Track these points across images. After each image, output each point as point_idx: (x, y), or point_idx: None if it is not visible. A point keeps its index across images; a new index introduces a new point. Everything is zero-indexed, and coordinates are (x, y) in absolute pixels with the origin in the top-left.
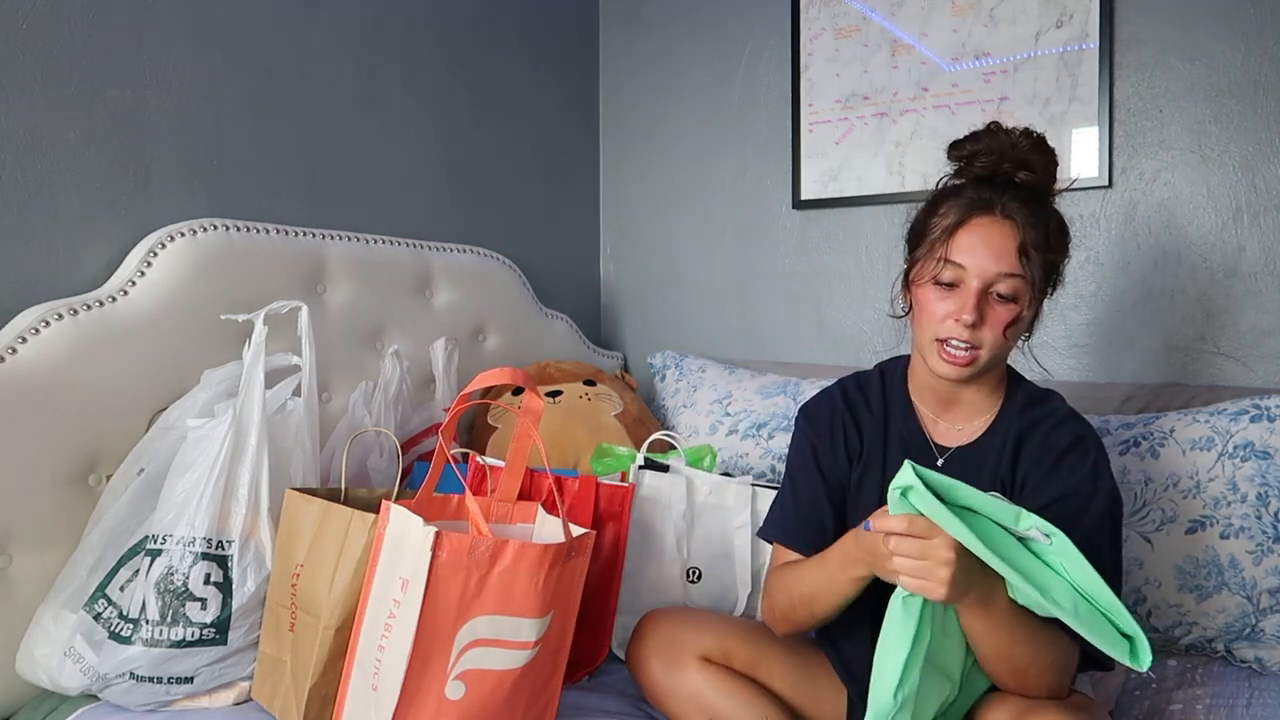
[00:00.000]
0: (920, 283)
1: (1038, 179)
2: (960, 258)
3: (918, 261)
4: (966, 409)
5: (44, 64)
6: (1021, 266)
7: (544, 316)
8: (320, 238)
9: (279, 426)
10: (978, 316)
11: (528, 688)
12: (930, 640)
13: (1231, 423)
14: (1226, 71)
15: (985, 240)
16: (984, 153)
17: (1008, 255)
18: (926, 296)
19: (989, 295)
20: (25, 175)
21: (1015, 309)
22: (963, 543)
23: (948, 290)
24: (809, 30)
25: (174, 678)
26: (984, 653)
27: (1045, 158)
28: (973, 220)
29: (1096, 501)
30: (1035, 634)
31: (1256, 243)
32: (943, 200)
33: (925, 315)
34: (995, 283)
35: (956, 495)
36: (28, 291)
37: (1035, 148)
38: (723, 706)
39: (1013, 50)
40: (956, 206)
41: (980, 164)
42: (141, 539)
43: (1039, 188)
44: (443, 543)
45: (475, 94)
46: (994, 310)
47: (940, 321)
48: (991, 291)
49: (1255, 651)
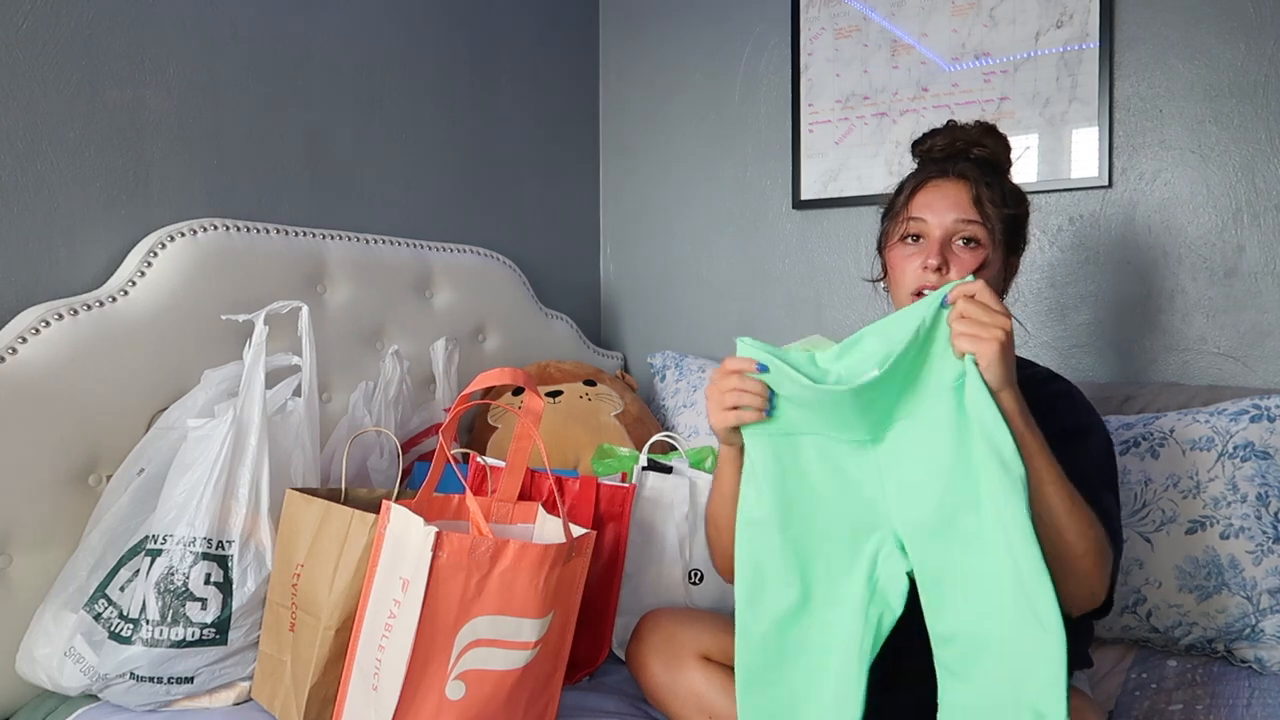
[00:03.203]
0: (890, 245)
1: (990, 153)
2: (920, 213)
3: (885, 229)
4: None
5: (44, 64)
6: (979, 214)
7: (544, 316)
8: (320, 238)
9: (279, 426)
10: (941, 260)
11: (528, 688)
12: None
13: (1231, 423)
14: (1226, 71)
15: (942, 195)
16: (941, 141)
17: (964, 205)
18: (896, 256)
19: (951, 244)
20: (25, 175)
21: (980, 253)
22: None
23: (913, 246)
24: (809, 30)
25: (174, 678)
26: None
27: (995, 139)
28: (930, 182)
29: (1095, 439)
30: (1065, 488)
31: (1256, 243)
32: (908, 181)
33: (898, 272)
34: (956, 231)
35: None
36: (28, 291)
37: (986, 132)
38: (723, 705)
39: (1013, 50)
40: (915, 177)
41: (939, 150)
42: (142, 539)
43: (992, 160)
44: (443, 543)
45: (475, 94)
46: (958, 257)
47: (910, 274)
48: (954, 240)
49: (1255, 651)
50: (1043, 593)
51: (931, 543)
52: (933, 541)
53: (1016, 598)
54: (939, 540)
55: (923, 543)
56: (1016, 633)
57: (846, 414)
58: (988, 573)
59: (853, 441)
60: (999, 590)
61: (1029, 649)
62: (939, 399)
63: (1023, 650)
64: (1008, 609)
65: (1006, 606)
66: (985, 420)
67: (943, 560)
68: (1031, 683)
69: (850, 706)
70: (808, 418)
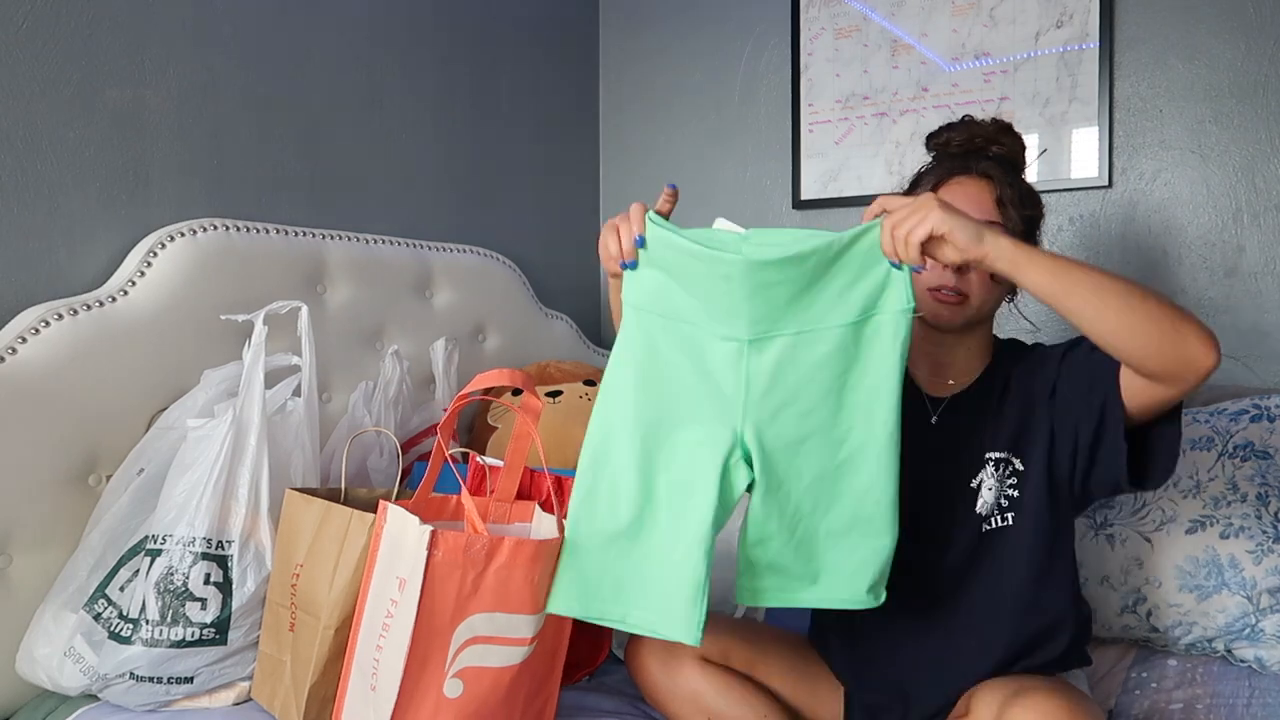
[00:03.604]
0: None
1: (1008, 151)
2: None
3: None
4: (958, 370)
5: (44, 64)
6: (1000, 216)
7: (544, 316)
8: (320, 238)
9: (279, 426)
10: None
11: (526, 685)
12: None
13: (1231, 423)
14: (1226, 71)
15: (964, 194)
16: (958, 136)
17: (987, 206)
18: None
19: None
20: (25, 175)
21: None
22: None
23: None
24: (809, 30)
25: (174, 678)
26: (1082, 312)
27: (1012, 138)
28: (952, 179)
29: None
30: (1105, 274)
31: (1256, 243)
32: (924, 175)
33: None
34: None
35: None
36: (28, 291)
37: (1003, 130)
38: (721, 706)
39: (1013, 50)
40: (936, 172)
41: (955, 145)
42: (141, 539)
43: (1011, 159)
44: (438, 541)
45: (475, 94)
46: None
47: (929, 273)
48: None
49: (1255, 651)
50: (892, 506)
51: (780, 459)
52: (782, 458)
53: (860, 508)
54: (790, 459)
55: (772, 457)
56: (849, 528)
57: (733, 299)
58: (831, 496)
59: (728, 339)
60: (842, 512)
61: (866, 547)
62: (835, 326)
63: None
64: (845, 511)
65: (845, 509)
66: (885, 366)
67: (786, 477)
68: (868, 572)
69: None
70: (691, 304)
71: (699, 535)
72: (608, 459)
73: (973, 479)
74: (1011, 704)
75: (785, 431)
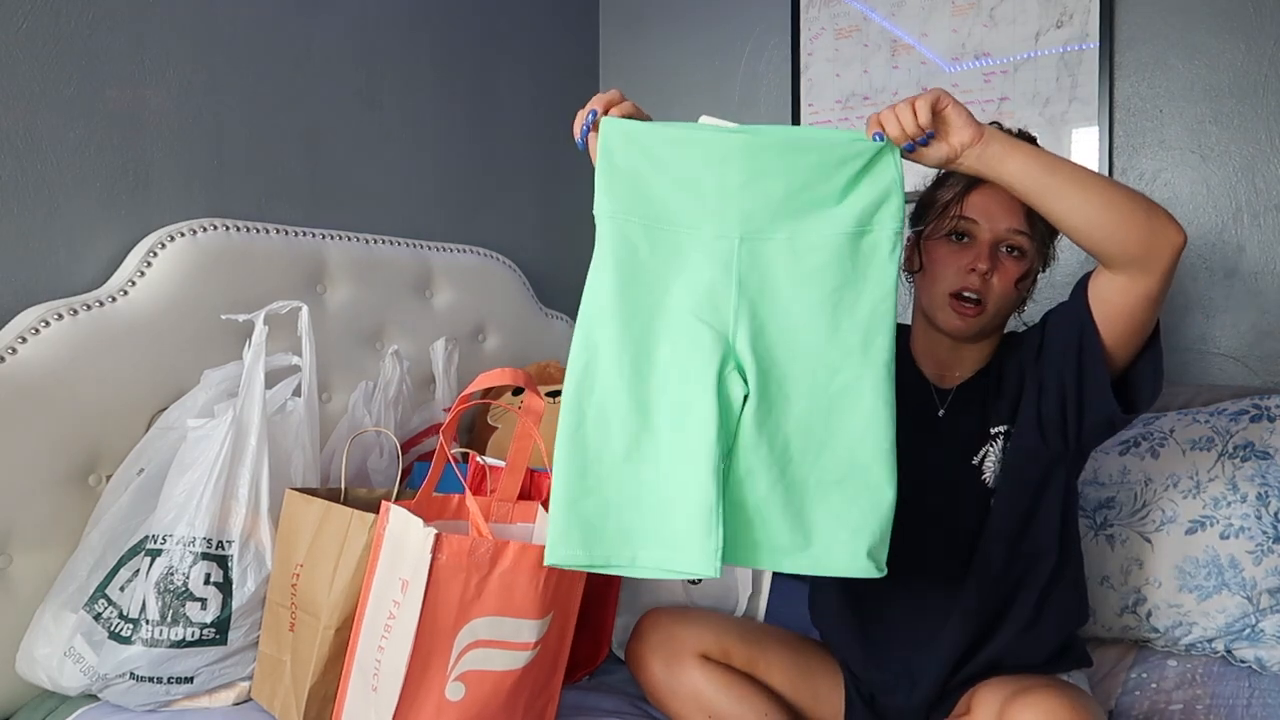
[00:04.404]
0: (935, 238)
1: None
2: (972, 213)
3: (931, 222)
4: (966, 367)
5: (44, 64)
6: (1028, 224)
7: (544, 316)
8: (320, 238)
9: (279, 426)
10: (991, 265)
11: (527, 689)
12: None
13: (1231, 423)
14: (1226, 71)
15: (996, 199)
16: None
17: (1016, 213)
18: (940, 251)
19: (998, 250)
20: (25, 176)
21: (1024, 263)
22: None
23: (960, 245)
24: (809, 30)
25: (174, 678)
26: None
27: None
28: (985, 183)
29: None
30: (1081, 166)
31: (1256, 243)
32: (949, 175)
33: (940, 268)
34: (1005, 238)
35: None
36: (28, 291)
37: (1028, 140)
38: (722, 704)
39: (1013, 50)
40: (964, 175)
41: None
42: (141, 539)
43: None
44: (443, 544)
45: (475, 94)
46: (1003, 265)
47: (954, 273)
48: (1000, 246)
49: (1255, 651)
50: (890, 454)
51: (771, 377)
52: (773, 377)
53: (856, 453)
54: (781, 380)
55: (765, 373)
56: (844, 477)
57: (726, 187)
58: (823, 435)
59: (719, 237)
60: (835, 458)
61: (864, 501)
62: (831, 234)
63: (856, 502)
64: (839, 456)
65: (839, 453)
66: (881, 289)
67: (776, 400)
68: (866, 532)
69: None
70: (678, 202)
71: (704, 453)
72: (593, 384)
73: (975, 456)
74: (1012, 703)
75: (776, 347)
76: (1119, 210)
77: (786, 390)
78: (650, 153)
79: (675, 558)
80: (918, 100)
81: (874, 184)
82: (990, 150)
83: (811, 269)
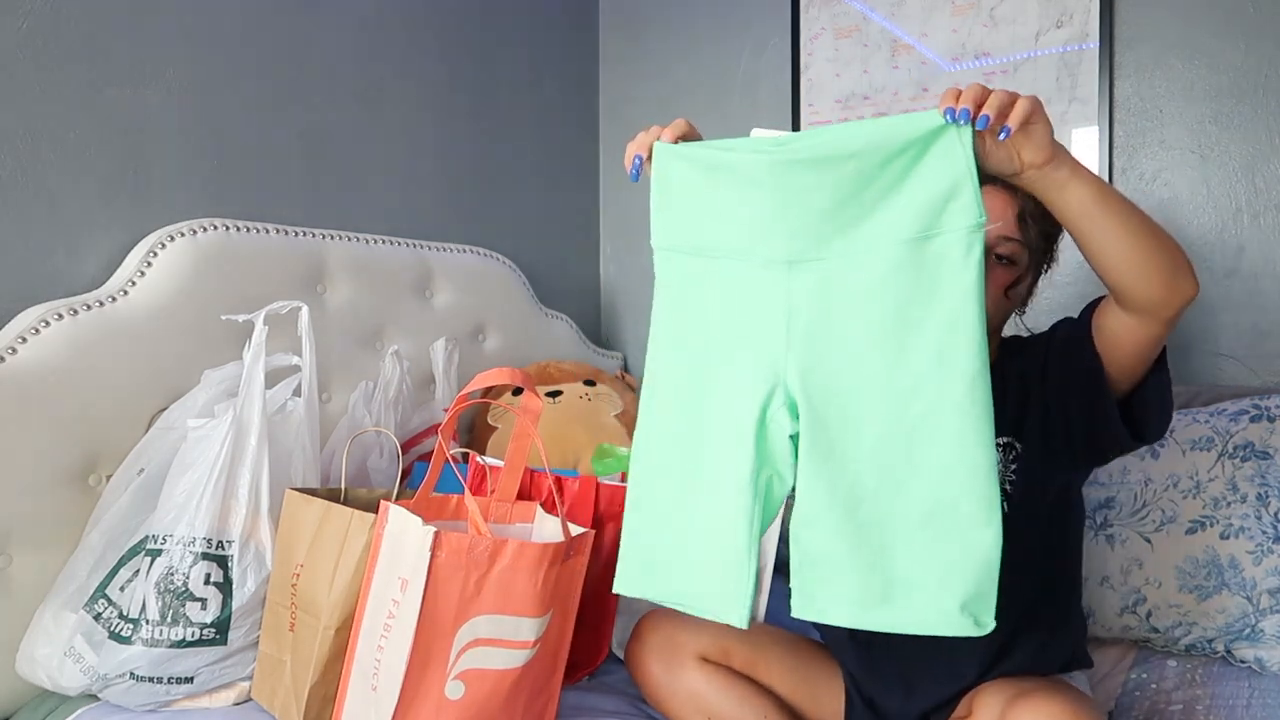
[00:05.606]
0: None
1: None
2: None
3: None
4: None
5: (44, 64)
6: (1020, 231)
7: (544, 316)
8: (320, 238)
9: (279, 426)
10: None
11: (527, 687)
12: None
13: (1231, 423)
14: (1226, 71)
15: (988, 205)
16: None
17: (1008, 221)
18: None
19: (989, 257)
20: (25, 175)
21: (1015, 271)
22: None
23: None
24: (809, 30)
25: (174, 678)
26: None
27: None
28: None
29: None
30: (1129, 201)
31: (1256, 243)
32: None
33: None
34: (996, 245)
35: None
36: (28, 291)
37: None
38: (722, 706)
39: (1013, 50)
40: None
41: None
42: (141, 539)
43: None
44: (442, 542)
45: (475, 94)
46: (994, 272)
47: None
48: (992, 253)
49: (1255, 651)
50: (989, 485)
51: (832, 414)
52: (834, 413)
53: (942, 487)
54: (844, 416)
55: (821, 410)
56: (928, 518)
57: (763, 211)
58: (903, 471)
59: (768, 263)
60: (918, 495)
61: (954, 544)
62: (888, 243)
63: (944, 545)
64: (921, 493)
65: (920, 491)
66: (958, 297)
67: (840, 438)
68: (959, 581)
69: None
70: (725, 230)
71: (735, 497)
72: (652, 422)
73: None
74: (1013, 705)
75: (836, 379)
76: (1152, 254)
77: (852, 425)
78: (697, 179)
79: (707, 601)
80: (1020, 96)
81: (936, 177)
82: (1055, 176)
83: (869, 287)
